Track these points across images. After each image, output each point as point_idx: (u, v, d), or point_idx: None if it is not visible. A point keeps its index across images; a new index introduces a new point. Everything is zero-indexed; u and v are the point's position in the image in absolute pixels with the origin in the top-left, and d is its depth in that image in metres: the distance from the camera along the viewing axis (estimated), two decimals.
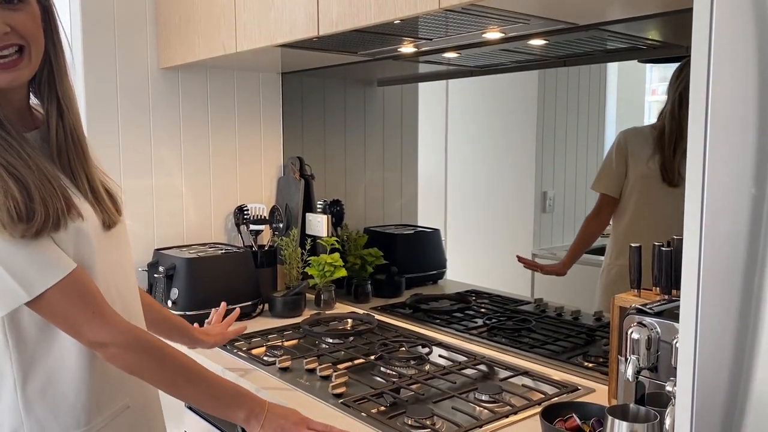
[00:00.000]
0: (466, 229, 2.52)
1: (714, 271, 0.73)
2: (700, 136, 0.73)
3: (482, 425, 1.23)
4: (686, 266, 0.75)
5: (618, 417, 0.92)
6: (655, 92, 2.36)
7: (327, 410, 1.31)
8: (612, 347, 1.22)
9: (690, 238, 0.74)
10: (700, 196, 0.74)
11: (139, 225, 2.05)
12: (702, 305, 0.75)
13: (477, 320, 1.92)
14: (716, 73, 0.71)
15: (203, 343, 1.47)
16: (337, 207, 2.30)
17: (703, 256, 0.74)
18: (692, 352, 0.76)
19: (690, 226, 0.74)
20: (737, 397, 0.74)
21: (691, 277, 0.75)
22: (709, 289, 0.74)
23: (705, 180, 0.73)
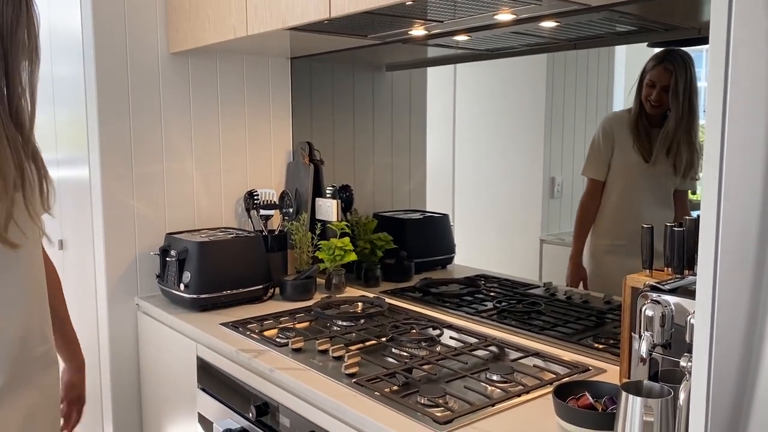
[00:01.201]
0: (475, 215, 2.52)
1: (729, 248, 0.74)
2: (718, 119, 0.73)
3: (494, 404, 1.24)
4: (703, 243, 0.75)
5: (632, 393, 0.93)
6: None
7: (340, 389, 1.33)
8: (623, 327, 1.23)
9: (707, 216, 0.75)
10: (717, 177, 0.74)
11: (151, 209, 2.06)
12: (719, 281, 0.75)
13: (487, 303, 1.93)
14: (734, 60, 0.71)
15: (68, 365, 1.50)
16: (346, 192, 2.30)
17: (721, 234, 0.74)
18: (709, 327, 0.76)
19: (707, 204, 0.75)
20: (749, 371, 0.75)
21: (708, 253, 0.75)
22: (725, 265, 0.74)
23: (723, 162, 0.73)
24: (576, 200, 2.34)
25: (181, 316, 1.84)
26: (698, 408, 0.76)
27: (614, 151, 1.78)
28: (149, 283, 2.06)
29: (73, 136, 2.16)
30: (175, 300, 1.94)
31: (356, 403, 1.26)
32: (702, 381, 0.76)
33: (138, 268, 2.05)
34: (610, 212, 1.89)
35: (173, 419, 1.92)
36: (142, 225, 2.05)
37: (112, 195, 2.00)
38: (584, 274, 1.87)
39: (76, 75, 2.05)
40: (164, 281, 1.96)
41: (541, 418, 1.19)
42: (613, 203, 1.81)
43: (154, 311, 1.96)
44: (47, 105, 2.33)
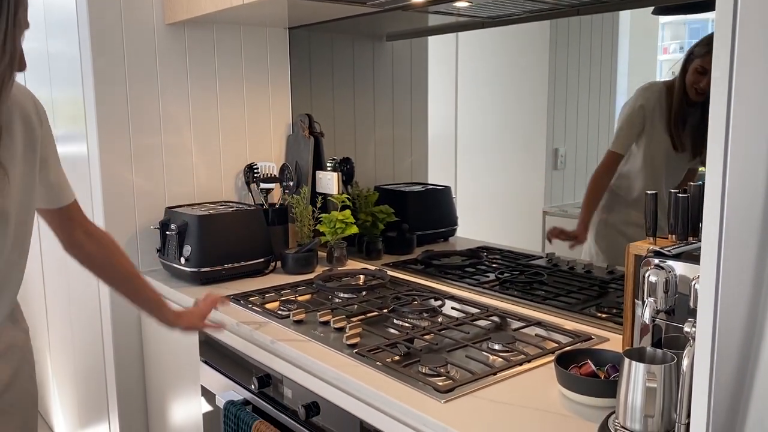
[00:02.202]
0: (477, 187, 2.51)
1: (735, 212, 0.72)
2: (725, 81, 0.71)
3: (496, 372, 1.24)
4: (708, 206, 0.74)
5: (635, 359, 0.92)
6: (667, 50, 2.31)
7: (342, 360, 1.32)
8: (626, 295, 1.22)
9: (713, 179, 0.73)
10: (723, 140, 0.72)
11: (150, 183, 2.05)
12: (724, 245, 0.74)
13: (489, 275, 1.92)
14: (742, 29, 0.69)
15: (174, 324, 1.48)
16: (347, 165, 2.28)
17: (727, 196, 0.73)
18: (714, 291, 0.75)
19: (713, 168, 0.73)
20: (753, 335, 0.73)
21: (713, 217, 0.74)
22: (730, 228, 0.73)
23: (729, 124, 0.72)
24: (580, 172, 2.32)
25: (182, 289, 1.84)
26: (702, 373, 0.75)
27: (644, 127, 1.71)
28: (150, 258, 2.05)
29: (71, 113, 2.14)
30: (176, 274, 1.94)
31: (358, 373, 1.26)
32: (706, 346, 0.75)
33: (138, 243, 2.04)
34: (626, 191, 1.86)
35: (176, 392, 1.93)
36: (142, 199, 2.04)
37: (111, 169, 1.98)
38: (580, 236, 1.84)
39: (72, 51, 2.03)
40: (165, 255, 1.95)
41: (543, 386, 1.19)
42: (633, 183, 1.77)
43: (155, 285, 1.95)
44: (44, 83, 2.31)
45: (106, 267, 1.41)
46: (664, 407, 0.90)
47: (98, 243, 1.40)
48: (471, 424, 1.05)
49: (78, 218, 1.38)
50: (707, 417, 0.74)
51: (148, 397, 2.12)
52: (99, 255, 1.40)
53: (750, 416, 0.71)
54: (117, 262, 1.42)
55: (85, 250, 1.39)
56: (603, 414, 1.01)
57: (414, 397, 1.15)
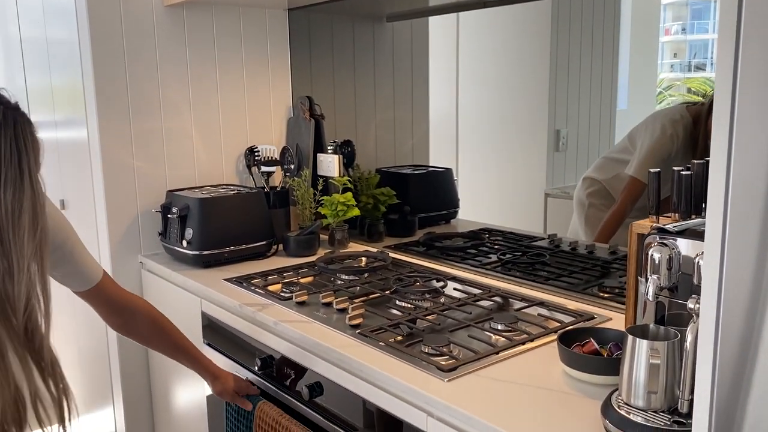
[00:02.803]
0: (479, 169, 2.50)
1: (739, 187, 0.72)
2: (731, 53, 0.70)
3: (499, 351, 1.24)
4: (713, 182, 0.73)
5: (638, 336, 0.92)
6: (669, 32, 2.28)
7: (345, 340, 1.33)
8: (629, 274, 1.21)
9: (718, 154, 0.72)
10: (729, 113, 0.72)
11: (151, 167, 2.04)
12: (730, 219, 0.73)
13: (491, 256, 1.92)
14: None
15: (213, 379, 1.47)
16: (348, 148, 2.27)
17: (733, 170, 0.72)
18: (718, 265, 0.75)
19: (718, 143, 0.73)
20: (757, 310, 0.73)
21: (718, 193, 0.73)
22: (735, 202, 0.73)
23: (735, 98, 0.71)
24: (581, 153, 2.31)
25: (184, 272, 1.84)
26: (705, 349, 0.75)
27: (669, 155, 1.66)
28: (152, 241, 2.05)
29: (70, 99, 2.13)
30: (178, 257, 1.94)
31: (361, 353, 1.26)
32: (710, 322, 0.75)
33: (140, 227, 2.04)
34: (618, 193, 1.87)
35: (180, 375, 1.94)
36: (143, 183, 2.03)
37: (112, 154, 1.98)
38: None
39: (71, 36, 2.01)
40: (167, 239, 1.95)
41: (546, 365, 1.19)
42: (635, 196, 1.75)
43: (157, 269, 1.96)
44: (43, 70, 2.30)
45: (152, 343, 1.41)
46: (667, 384, 0.90)
47: (139, 319, 1.35)
48: (474, 402, 1.06)
49: (111, 294, 1.32)
50: (711, 392, 0.74)
51: (152, 381, 2.13)
52: (143, 332, 1.38)
53: (753, 391, 0.71)
54: (162, 338, 1.40)
55: (126, 327, 1.36)
56: (606, 392, 1.01)
57: (417, 376, 1.15)
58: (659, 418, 0.89)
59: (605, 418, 0.93)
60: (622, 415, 0.91)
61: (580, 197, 2.06)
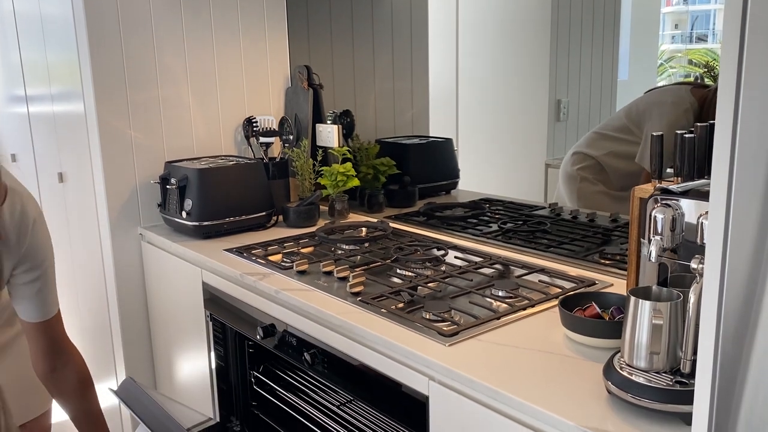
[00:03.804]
0: (479, 139, 2.48)
1: (745, 146, 0.71)
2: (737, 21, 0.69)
3: (500, 317, 1.24)
4: (719, 141, 0.72)
5: (641, 298, 0.91)
6: (670, 2, 2.24)
7: (346, 307, 1.33)
8: (631, 239, 1.21)
9: (724, 114, 0.71)
10: (735, 75, 0.70)
11: (148, 138, 2.02)
12: (736, 177, 0.73)
13: (491, 225, 1.91)
14: None
15: None
16: (347, 118, 2.25)
17: (739, 131, 0.71)
18: (723, 224, 0.74)
19: (724, 101, 0.72)
20: (760, 269, 0.73)
21: (724, 152, 0.73)
22: (741, 162, 0.72)
23: (743, 53, 0.70)
24: (582, 123, 2.30)
25: (184, 243, 1.84)
26: (709, 309, 0.75)
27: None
28: (151, 213, 2.04)
29: (66, 71, 2.11)
30: (178, 228, 1.93)
31: (362, 320, 1.26)
32: (714, 280, 0.75)
33: (139, 198, 2.03)
34: (614, 171, 1.86)
35: (182, 345, 1.95)
36: (141, 154, 2.02)
37: (109, 124, 1.96)
38: None
39: (65, 8, 1.98)
40: (166, 210, 1.94)
41: (547, 329, 1.19)
42: (626, 169, 1.74)
43: (157, 240, 1.95)
44: (38, 46, 2.27)
45: (71, 399, 1.29)
46: (669, 344, 0.90)
47: (70, 370, 1.26)
48: (475, 365, 1.06)
49: (57, 333, 1.25)
50: (714, 351, 0.74)
51: (154, 352, 2.14)
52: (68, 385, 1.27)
53: (756, 347, 0.70)
54: (83, 399, 1.30)
55: (54, 374, 1.25)
56: (607, 355, 1.01)
57: (418, 342, 1.15)
58: (661, 378, 0.89)
59: (607, 379, 0.94)
60: (624, 376, 0.91)
61: (570, 171, 2.05)
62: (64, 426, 2.30)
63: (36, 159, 2.54)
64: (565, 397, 0.95)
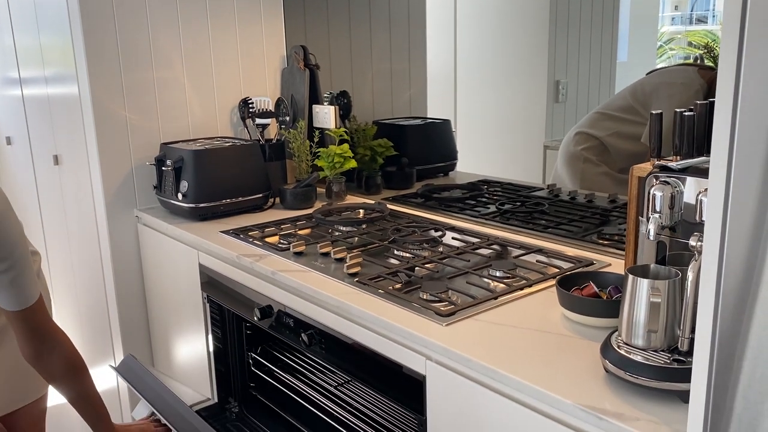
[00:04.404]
0: (477, 120, 2.46)
1: (745, 124, 0.70)
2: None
3: (497, 297, 1.23)
4: (718, 117, 0.71)
5: (639, 276, 0.91)
6: None
7: (343, 288, 1.32)
8: (629, 218, 1.20)
9: (724, 91, 0.70)
10: (736, 51, 0.69)
11: (144, 119, 2.01)
12: (736, 154, 0.72)
13: (489, 206, 1.90)
14: None
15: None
16: (344, 99, 2.23)
17: (740, 109, 0.70)
18: (722, 201, 0.73)
19: (725, 78, 0.70)
20: (759, 247, 0.72)
21: (723, 130, 0.72)
22: (741, 139, 0.71)
23: (744, 35, 0.68)
24: (581, 104, 2.28)
25: (181, 225, 1.83)
26: (707, 286, 0.74)
27: None
28: (147, 195, 2.03)
29: (60, 54, 2.09)
30: (174, 210, 1.92)
31: (359, 300, 1.25)
32: (713, 258, 0.74)
33: (135, 180, 2.01)
34: (617, 151, 1.85)
35: (180, 327, 1.94)
36: (136, 136, 2.00)
37: (103, 106, 1.94)
38: None
39: None
40: (162, 192, 1.93)
41: (545, 309, 1.19)
42: (629, 149, 1.74)
43: (153, 222, 1.94)
44: (32, 30, 2.25)
45: (62, 383, 1.28)
46: (667, 323, 0.89)
47: (57, 355, 1.24)
48: (473, 345, 1.05)
49: (39, 320, 1.22)
50: (713, 328, 0.74)
51: (152, 336, 2.14)
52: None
53: (754, 321, 0.70)
54: (74, 381, 1.29)
55: (41, 359, 1.23)
56: (605, 334, 1.01)
57: (416, 322, 1.15)
58: (659, 356, 0.89)
59: (605, 357, 0.93)
60: (621, 355, 0.91)
61: (573, 152, 2.04)
62: (62, 408, 2.30)
63: (31, 142, 2.52)
64: (562, 376, 0.95)
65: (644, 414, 0.85)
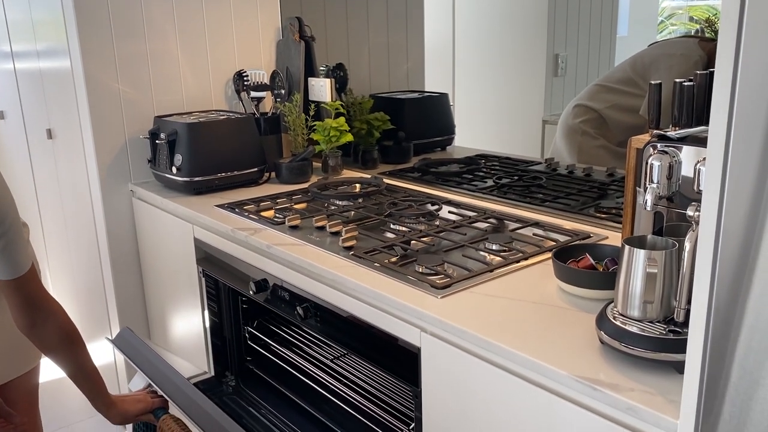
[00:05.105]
0: (475, 95, 2.44)
1: (744, 93, 0.68)
2: None
3: (493, 270, 1.23)
4: (718, 86, 0.69)
5: (635, 246, 0.90)
6: None
7: (338, 261, 1.31)
8: (627, 190, 1.19)
9: (724, 59, 0.68)
10: (738, 17, 0.67)
11: (137, 92, 1.98)
12: (735, 122, 0.70)
13: (487, 180, 1.89)
14: None
15: (109, 407, 1.30)
16: (340, 72, 2.20)
17: (739, 77, 0.69)
18: (721, 169, 0.72)
19: (725, 47, 0.69)
20: (757, 218, 0.71)
21: (723, 98, 0.70)
22: (741, 106, 0.69)
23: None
24: (580, 78, 2.25)
25: (176, 199, 1.81)
26: (705, 256, 0.73)
27: None
28: (142, 169, 2.01)
29: (52, 27, 2.05)
30: (168, 184, 1.90)
31: (354, 273, 1.25)
32: (711, 227, 0.73)
33: (129, 154, 1.99)
34: (616, 124, 1.83)
35: (176, 302, 1.94)
36: (130, 109, 1.97)
37: (96, 79, 1.91)
38: None
39: None
40: (156, 165, 1.91)
41: (541, 281, 1.18)
42: (628, 122, 1.72)
43: (148, 196, 1.93)
44: (23, 6, 2.21)
45: (57, 354, 1.25)
46: (663, 293, 0.88)
47: (51, 325, 1.22)
48: (468, 317, 1.05)
49: (32, 290, 1.19)
50: (709, 299, 0.73)
51: (148, 311, 2.14)
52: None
53: (752, 292, 0.69)
54: (69, 352, 1.26)
55: (34, 330, 1.20)
56: (600, 306, 1.00)
57: (411, 294, 1.14)
58: (655, 327, 0.88)
59: (600, 329, 0.93)
60: (617, 326, 0.90)
61: (571, 124, 2.02)
62: (58, 384, 2.31)
63: (24, 115, 2.49)
64: (557, 347, 0.95)
65: (639, 384, 0.85)
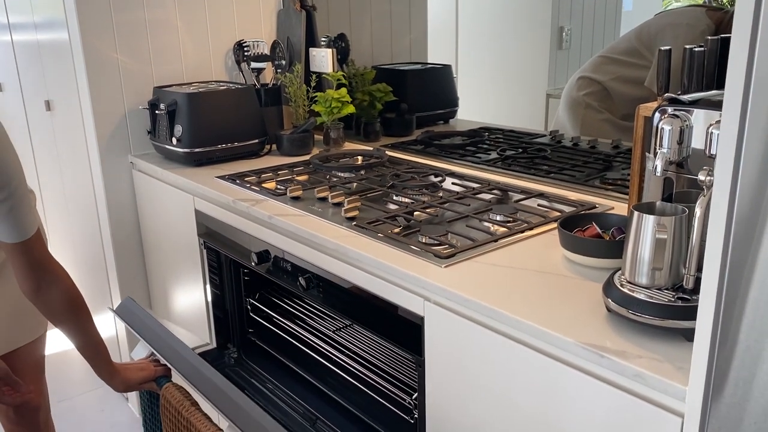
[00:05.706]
0: (479, 67, 2.40)
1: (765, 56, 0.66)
2: None
3: (497, 239, 1.21)
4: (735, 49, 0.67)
5: (644, 212, 0.88)
6: None
7: (340, 232, 1.30)
8: (634, 158, 1.17)
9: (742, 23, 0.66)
10: None
11: (136, 62, 1.95)
12: (754, 83, 0.68)
13: (491, 153, 1.87)
14: None
15: (112, 375, 1.28)
16: (342, 42, 2.17)
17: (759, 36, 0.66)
18: (736, 132, 0.70)
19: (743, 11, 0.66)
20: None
21: (740, 62, 0.68)
22: (759, 68, 0.67)
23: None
24: (585, 51, 2.21)
25: (176, 171, 1.80)
26: (717, 221, 0.71)
27: None
28: (142, 141, 1.99)
29: (51, 2, 2.01)
30: (169, 156, 1.88)
31: (357, 244, 1.23)
32: (724, 190, 0.71)
33: (129, 126, 1.97)
34: (620, 96, 1.80)
35: (177, 274, 1.93)
36: (129, 79, 1.95)
37: (94, 49, 1.88)
38: None
39: None
40: (156, 137, 1.89)
41: (546, 251, 1.17)
42: (633, 94, 1.69)
43: (148, 168, 1.91)
44: None
45: (62, 319, 1.24)
46: (672, 260, 0.87)
47: (55, 290, 1.20)
48: (472, 286, 1.04)
49: (38, 254, 1.18)
50: (722, 263, 0.71)
51: (150, 284, 2.13)
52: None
53: (763, 247, 0.67)
54: (73, 317, 1.24)
55: (39, 294, 1.19)
56: (607, 275, 0.99)
57: (414, 264, 1.13)
58: (663, 294, 0.87)
59: (607, 296, 0.91)
60: (624, 293, 0.89)
61: (575, 97, 1.99)
62: (63, 356, 2.33)
63: (22, 87, 2.46)
64: (562, 315, 0.94)
65: (647, 352, 0.84)
